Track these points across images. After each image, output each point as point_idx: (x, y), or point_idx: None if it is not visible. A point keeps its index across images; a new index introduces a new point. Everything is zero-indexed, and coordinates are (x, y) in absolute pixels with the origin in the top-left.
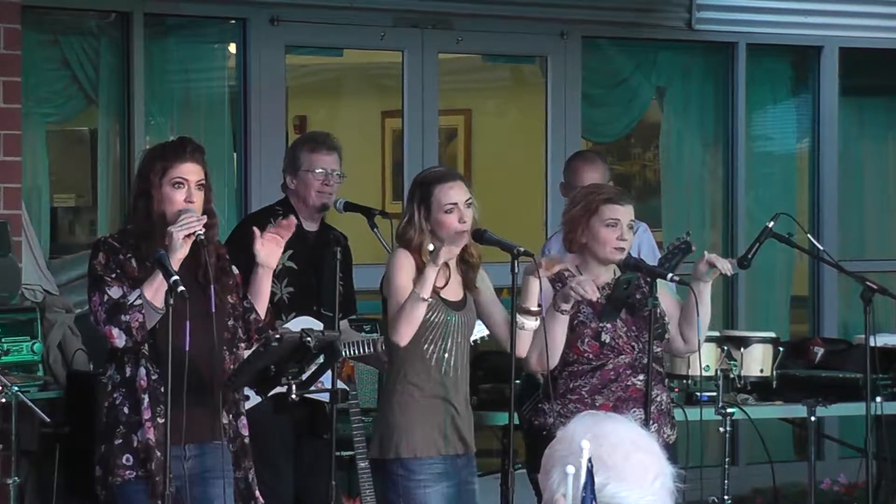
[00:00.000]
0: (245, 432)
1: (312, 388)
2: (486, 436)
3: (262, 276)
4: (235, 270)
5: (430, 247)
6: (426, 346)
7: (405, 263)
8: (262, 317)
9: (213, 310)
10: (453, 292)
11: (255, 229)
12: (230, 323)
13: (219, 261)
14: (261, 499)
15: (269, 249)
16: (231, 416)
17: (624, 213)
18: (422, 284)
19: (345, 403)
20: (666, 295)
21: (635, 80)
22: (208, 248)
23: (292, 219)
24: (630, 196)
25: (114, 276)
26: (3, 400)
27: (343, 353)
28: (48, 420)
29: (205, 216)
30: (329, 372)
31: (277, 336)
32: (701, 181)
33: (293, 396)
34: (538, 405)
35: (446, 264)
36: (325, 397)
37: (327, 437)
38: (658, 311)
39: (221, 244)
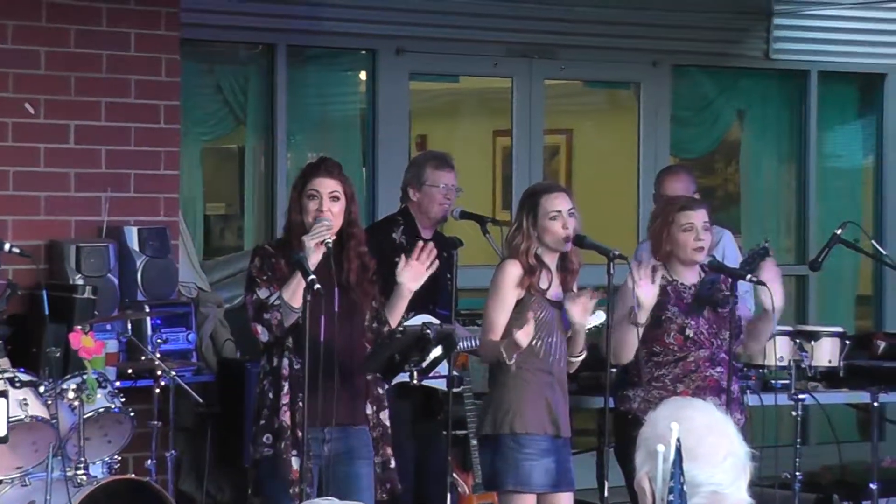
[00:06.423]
0: (387, 423)
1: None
2: (584, 417)
3: (401, 296)
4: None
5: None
6: (535, 341)
7: (512, 272)
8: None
9: (337, 308)
10: (555, 293)
11: (403, 256)
12: (374, 325)
13: (363, 268)
14: (397, 484)
15: (412, 274)
16: (374, 407)
17: (696, 216)
18: (509, 346)
19: (459, 388)
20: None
21: (719, 104)
22: (349, 255)
23: (431, 246)
24: (701, 202)
25: (265, 277)
26: (164, 383)
27: (459, 346)
28: (201, 401)
29: (333, 227)
30: (446, 361)
31: (401, 328)
32: (776, 193)
33: (415, 381)
34: (623, 392)
35: (547, 268)
36: (440, 384)
37: (441, 418)
38: (737, 310)
39: (369, 255)
